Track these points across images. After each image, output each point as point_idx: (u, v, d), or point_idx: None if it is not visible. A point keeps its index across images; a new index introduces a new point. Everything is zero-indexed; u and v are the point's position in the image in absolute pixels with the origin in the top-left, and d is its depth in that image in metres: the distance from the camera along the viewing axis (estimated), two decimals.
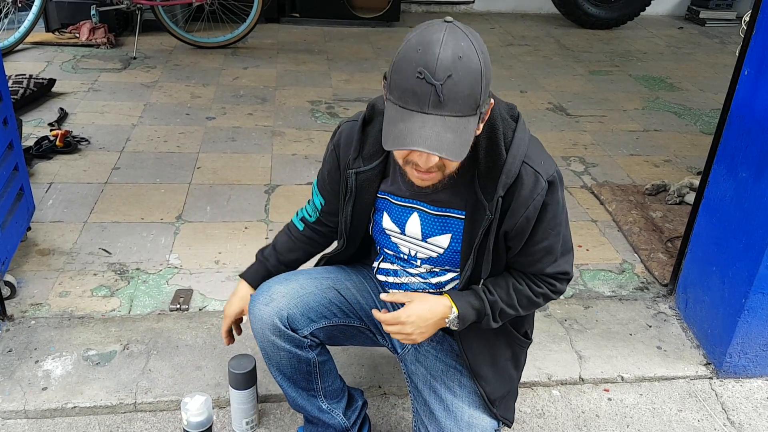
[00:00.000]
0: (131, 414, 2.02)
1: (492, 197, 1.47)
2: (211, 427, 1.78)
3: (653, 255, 2.93)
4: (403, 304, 1.60)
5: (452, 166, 1.42)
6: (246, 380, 1.90)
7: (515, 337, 1.69)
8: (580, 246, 2.98)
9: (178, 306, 2.42)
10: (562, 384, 2.25)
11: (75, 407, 1.99)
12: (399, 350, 1.81)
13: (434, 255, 1.62)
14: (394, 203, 1.62)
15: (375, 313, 1.58)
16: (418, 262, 1.67)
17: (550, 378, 2.25)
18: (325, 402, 1.86)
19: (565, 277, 1.63)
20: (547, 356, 2.32)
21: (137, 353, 2.20)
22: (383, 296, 1.60)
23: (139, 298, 2.47)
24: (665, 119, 4.45)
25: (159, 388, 2.06)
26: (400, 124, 1.31)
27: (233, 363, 1.91)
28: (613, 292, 2.72)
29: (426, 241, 1.62)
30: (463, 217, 1.56)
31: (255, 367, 1.91)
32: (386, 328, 1.57)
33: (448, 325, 1.56)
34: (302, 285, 1.72)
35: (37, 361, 2.14)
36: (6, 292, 2.33)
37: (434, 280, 1.68)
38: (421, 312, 1.54)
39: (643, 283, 2.79)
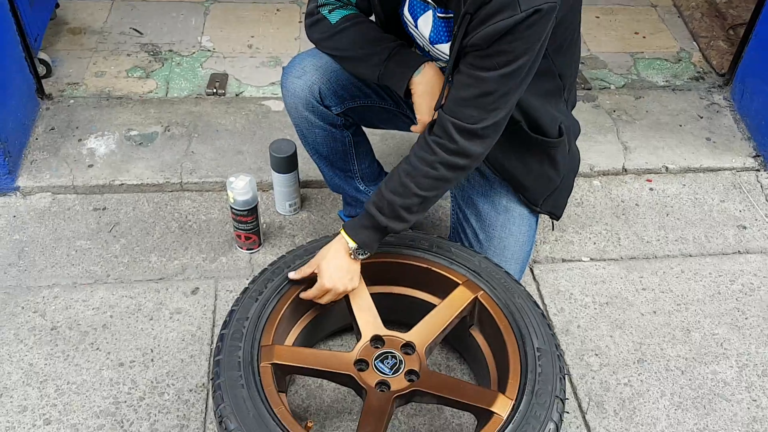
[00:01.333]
0: (178, 193, 2.07)
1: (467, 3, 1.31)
2: (256, 206, 1.82)
3: (713, 43, 2.74)
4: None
5: None
6: (287, 164, 1.90)
7: (541, 141, 1.59)
8: (636, 33, 2.79)
9: (215, 90, 2.37)
10: (603, 175, 2.23)
11: (122, 184, 2.04)
12: None
13: (443, 64, 1.53)
14: None
15: (302, 295, 1.52)
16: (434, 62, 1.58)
17: (592, 169, 2.22)
18: (362, 183, 1.87)
19: (467, 127, 1.37)
20: (591, 147, 2.27)
21: (178, 135, 2.20)
22: (290, 275, 1.51)
23: (174, 81, 2.42)
24: None
25: (203, 170, 2.09)
26: None
27: (274, 147, 1.90)
28: (666, 82, 2.59)
29: (433, 46, 1.52)
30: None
31: (296, 152, 1.90)
32: (321, 301, 1.51)
33: (357, 257, 1.48)
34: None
35: (80, 140, 2.16)
36: (42, 70, 2.29)
37: None
38: (330, 268, 1.47)
39: (699, 72, 2.64)
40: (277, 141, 1.92)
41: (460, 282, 1.54)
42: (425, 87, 1.49)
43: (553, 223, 1.87)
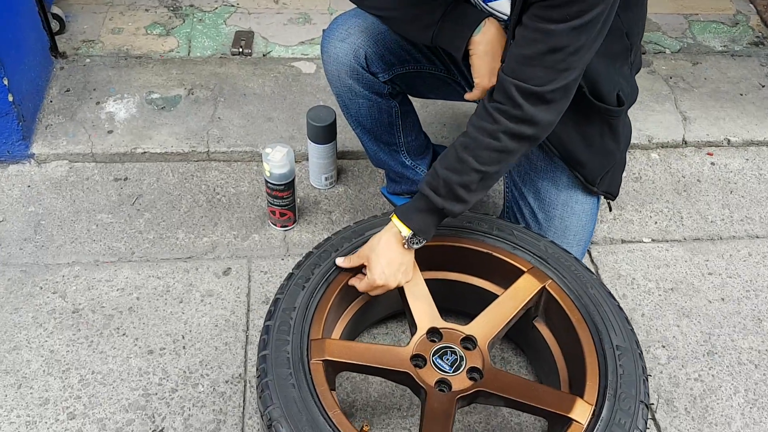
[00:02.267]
0: (205, 163, 1.91)
1: None
2: (293, 181, 1.67)
3: None
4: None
5: None
6: (326, 133, 1.74)
7: (602, 108, 1.43)
8: None
9: (240, 50, 2.19)
10: (662, 147, 2.06)
11: (145, 152, 1.88)
12: None
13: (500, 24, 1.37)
14: None
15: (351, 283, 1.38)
16: None
17: (651, 140, 2.05)
18: (409, 158, 1.72)
19: (533, 90, 1.21)
20: (648, 117, 2.10)
21: (203, 99, 2.03)
22: (339, 262, 1.37)
23: (197, 39, 2.24)
24: None
25: (231, 138, 1.93)
26: None
27: (312, 114, 1.73)
28: (724, 46, 2.40)
29: (487, 4, 1.36)
30: None
31: (335, 120, 1.73)
32: (372, 294, 1.37)
33: (411, 246, 1.33)
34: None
35: (98, 103, 1.99)
36: (55, 26, 2.11)
37: None
38: (381, 263, 1.32)
39: (758, 37, 2.45)
40: (315, 108, 1.75)
41: (525, 269, 1.39)
42: (486, 47, 1.33)
43: (609, 203, 1.72)
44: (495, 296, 1.44)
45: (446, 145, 1.82)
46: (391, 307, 1.55)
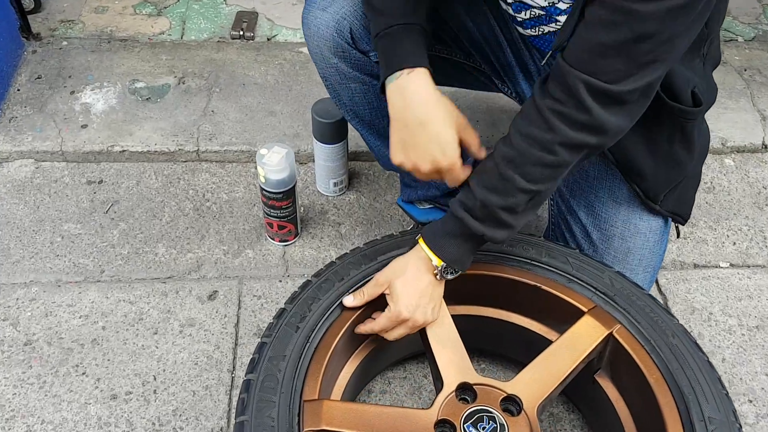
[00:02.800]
0: (194, 164, 1.62)
1: None
2: (293, 187, 1.37)
3: None
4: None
5: None
6: (335, 131, 1.44)
7: (675, 108, 1.09)
8: None
9: (241, 32, 1.90)
10: (738, 151, 1.73)
11: (124, 151, 1.60)
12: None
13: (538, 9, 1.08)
14: None
15: (362, 328, 1.10)
16: None
17: (724, 143, 1.72)
18: None
19: (606, 88, 0.92)
20: (720, 116, 1.77)
21: (195, 89, 1.74)
22: (347, 301, 1.07)
23: (192, 20, 1.95)
24: None
25: (226, 135, 1.64)
26: None
27: (319, 109, 1.44)
28: None
29: None
30: None
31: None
32: (389, 337, 1.08)
33: (443, 277, 1.06)
34: None
35: (72, 92, 1.72)
36: (28, 3, 1.84)
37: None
38: (408, 292, 1.04)
39: None
40: (322, 101, 1.45)
41: (586, 309, 1.08)
42: (397, 111, 1.04)
43: (677, 228, 1.39)
44: (543, 339, 1.14)
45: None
46: (409, 348, 1.25)
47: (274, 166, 1.32)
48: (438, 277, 1.05)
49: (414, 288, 1.04)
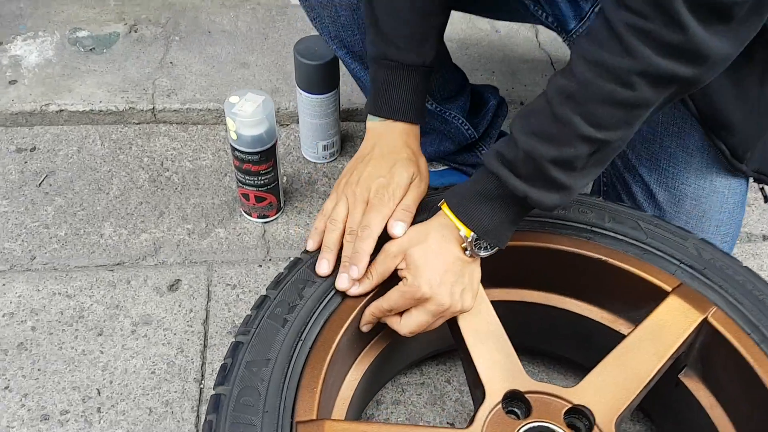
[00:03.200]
0: (149, 126, 1.33)
1: None
2: (274, 147, 1.09)
3: None
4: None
5: None
6: (325, 77, 1.16)
7: None
8: None
9: None
10: None
11: (61, 111, 1.30)
12: (572, 29, 1.01)
13: None
14: None
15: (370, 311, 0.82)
16: None
17: None
18: (432, 101, 1.13)
19: None
20: None
21: (150, 38, 1.44)
22: (339, 284, 0.80)
23: None
24: None
25: (188, 91, 1.34)
26: None
27: (303, 48, 1.15)
28: None
29: None
30: None
31: (337, 57, 1.15)
32: (403, 330, 0.81)
33: (476, 254, 0.79)
34: None
35: (0, 43, 1.41)
36: None
37: None
38: (432, 265, 0.78)
39: None
40: (307, 39, 1.17)
41: (670, 288, 0.81)
42: (376, 148, 0.90)
43: (765, 190, 1.12)
44: (608, 332, 0.87)
45: (494, 87, 1.24)
46: (429, 347, 0.97)
47: (247, 118, 1.03)
48: (468, 252, 0.78)
49: (438, 259, 0.77)
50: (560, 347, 0.95)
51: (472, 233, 0.77)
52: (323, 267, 0.81)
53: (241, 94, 1.05)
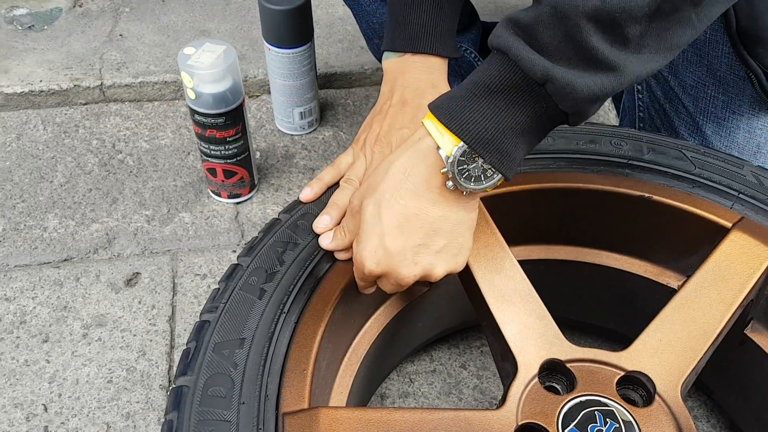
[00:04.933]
0: (98, 106, 1.16)
1: None
2: (242, 107, 0.94)
3: None
4: None
5: None
6: (296, 25, 1.00)
7: None
8: None
9: None
10: None
11: None
12: None
13: None
14: None
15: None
16: None
17: None
18: None
19: None
20: None
21: (97, 12, 1.29)
22: (324, 242, 0.64)
23: None
24: None
25: (141, 63, 1.18)
26: None
27: None
28: None
29: None
30: None
31: (309, 1, 1.00)
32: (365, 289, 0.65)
33: (460, 186, 0.57)
34: None
35: None
36: None
37: None
38: (385, 219, 0.58)
39: None
40: None
41: (730, 224, 0.67)
42: (396, 93, 0.74)
43: None
44: (660, 288, 0.73)
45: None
46: (449, 323, 0.82)
47: (207, 70, 0.87)
48: (450, 183, 0.56)
49: (392, 214, 0.57)
50: (596, 314, 0.80)
51: (458, 146, 0.54)
52: (323, 222, 0.65)
53: (198, 45, 0.89)
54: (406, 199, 0.57)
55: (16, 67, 1.17)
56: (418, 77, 0.73)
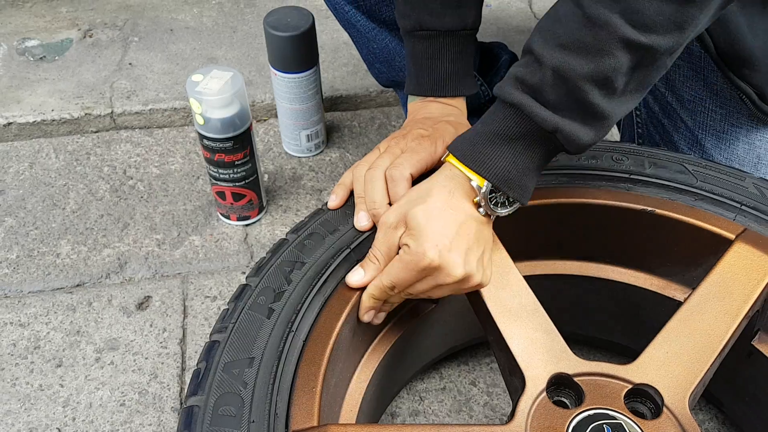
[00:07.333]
0: (108, 133, 1.19)
1: None
2: (249, 131, 0.95)
3: None
4: None
5: None
6: (302, 50, 1.02)
7: None
8: None
9: None
10: None
11: (10, 124, 1.16)
12: None
13: None
14: None
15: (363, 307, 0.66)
16: None
17: None
18: None
19: None
20: None
21: (106, 42, 1.31)
22: (351, 280, 0.65)
23: None
24: None
25: (150, 91, 1.21)
26: None
27: (275, 21, 1.02)
28: None
29: None
30: None
31: (314, 26, 1.02)
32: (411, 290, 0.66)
33: (490, 211, 0.65)
34: None
35: None
36: None
37: None
38: (436, 226, 0.62)
39: None
40: (278, 11, 1.04)
41: (733, 235, 0.67)
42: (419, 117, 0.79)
43: None
44: (665, 301, 0.73)
45: (503, 43, 1.13)
46: (457, 339, 0.82)
47: (215, 96, 0.89)
48: (482, 210, 0.64)
49: (446, 218, 0.62)
50: (601, 329, 0.80)
51: (487, 183, 0.63)
52: (363, 220, 0.69)
53: (206, 71, 0.92)
54: (456, 210, 0.63)
55: (28, 97, 1.19)
56: (440, 108, 0.79)
